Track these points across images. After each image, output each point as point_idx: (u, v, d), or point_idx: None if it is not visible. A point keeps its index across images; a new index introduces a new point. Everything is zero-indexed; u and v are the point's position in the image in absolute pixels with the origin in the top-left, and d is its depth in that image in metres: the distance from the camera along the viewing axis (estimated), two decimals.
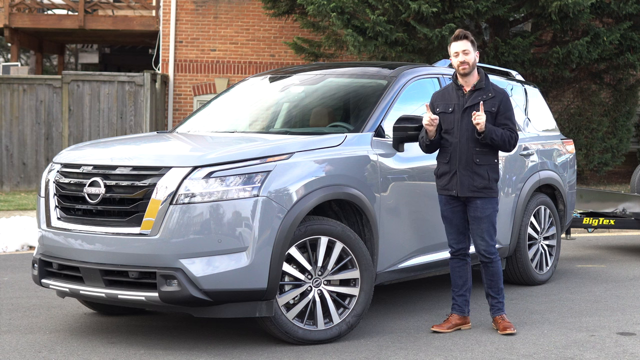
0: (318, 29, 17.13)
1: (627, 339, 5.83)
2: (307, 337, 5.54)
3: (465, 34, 5.91)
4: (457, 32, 5.92)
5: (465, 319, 6.09)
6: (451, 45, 5.92)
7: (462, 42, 5.88)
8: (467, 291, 6.09)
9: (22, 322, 6.21)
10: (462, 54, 5.87)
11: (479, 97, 5.88)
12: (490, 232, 5.92)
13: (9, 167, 17.12)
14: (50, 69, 30.47)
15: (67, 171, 5.74)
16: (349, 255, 5.66)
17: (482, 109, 5.75)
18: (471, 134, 5.83)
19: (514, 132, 5.89)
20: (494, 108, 5.86)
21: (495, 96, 5.89)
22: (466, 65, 5.87)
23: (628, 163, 18.49)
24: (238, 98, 7.27)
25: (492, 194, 5.90)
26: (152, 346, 5.54)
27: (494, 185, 5.90)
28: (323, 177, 5.62)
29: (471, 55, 5.88)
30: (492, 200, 5.91)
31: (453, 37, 5.93)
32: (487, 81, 5.98)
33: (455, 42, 5.90)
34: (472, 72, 5.93)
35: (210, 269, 5.19)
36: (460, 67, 5.89)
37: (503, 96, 5.93)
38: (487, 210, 5.89)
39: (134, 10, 20.33)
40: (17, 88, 17.08)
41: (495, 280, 6.00)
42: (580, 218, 9.63)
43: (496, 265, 5.99)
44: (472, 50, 5.88)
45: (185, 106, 18.68)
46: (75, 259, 5.50)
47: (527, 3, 14.90)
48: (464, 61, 5.87)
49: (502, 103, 5.89)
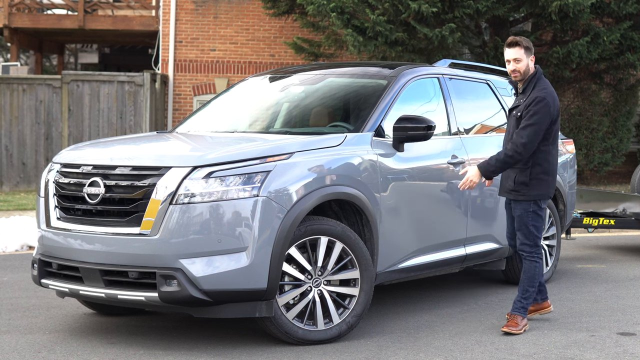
0: (318, 29, 17.12)
1: (627, 339, 5.83)
2: (307, 337, 5.53)
3: (517, 41, 5.93)
4: (510, 39, 5.98)
5: (540, 305, 6.30)
6: (505, 51, 6.03)
7: (514, 49, 5.95)
8: None
9: (22, 322, 6.21)
10: (514, 62, 5.95)
11: (517, 101, 6.04)
12: (523, 231, 6.01)
13: (9, 167, 17.12)
14: (50, 69, 30.47)
15: (66, 171, 5.73)
16: (348, 256, 5.66)
17: (463, 172, 6.00)
18: (507, 136, 6.07)
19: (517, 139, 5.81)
20: (519, 113, 5.93)
21: (526, 100, 5.93)
22: (517, 74, 5.98)
23: (628, 163, 18.48)
24: (238, 98, 7.26)
25: (519, 197, 5.98)
26: (152, 346, 5.53)
27: (521, 188, 5.96)
28: (323, 177, 5.62)
29: (522, 63, 5.94)
30: (522, 203, 5.99)
31: (506, 43, 6.02)
32: (531, 84, 5.98)
33: (508, 48, 5.98)
34: (525, 78, 6.01)
35: (210, 269, 5.18)
36: (512, 75, 6.01)
37: (531, 100, 5.89)
38: (517, 211, 6.03)
39: (133, 10, 20.32)
40: (17, 88, 17.08)
41: (524, 278, 6.05)
42: (581, 218, 9.62)
43: (528, 264, 6.04)
44: (524, 57, 5.93)
45: (185, 106, 18.68)
46: (75, 259, 5.49)
47: (527, 3, 14.90)
48: (514, 69, 5.97)
49: (526, 107, 5.89)
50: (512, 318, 6.00)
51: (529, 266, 6.04)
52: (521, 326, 5.96)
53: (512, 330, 5.91)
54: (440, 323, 6.25)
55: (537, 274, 6.04)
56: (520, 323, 5.96)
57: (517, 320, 5.98)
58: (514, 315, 6.01)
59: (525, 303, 6.02)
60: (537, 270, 6.04)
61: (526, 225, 6.00)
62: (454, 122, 6.99)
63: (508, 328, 5.93)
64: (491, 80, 7.80)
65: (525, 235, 6.01)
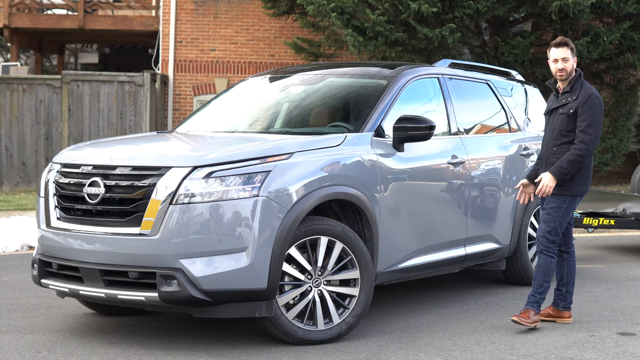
0: (318, 29, 17.11)
1: (627, 339, 5.83)
2: (307, 337, 5.53)
3: (567, 42, 6.07)
4: (559, 39, 6.10)
5: (560, 312, 6.26)
6: (551, 50, 6.11)
7: (562, 49, 6.07)
8: (562, 286, 6.24)
9: (22, 322, 6.21)
10: (562, 62, 6.06)
11: (564, 99, 6.08)
12: (549, 225, 6.03)
13: (9, 167, 17.12)
14: (50, 68, 30.46)
15: (66, 171, 5.73)
16: (348, 256, 5.66)
17: (538, 179, 6.04)
18: (551, 134, 6.11)
19: (584, 136, 5.92)
20: (571, 110, 6.01)
21: (577, 98, 6.02)
22: (564, 72, 6.08)
23: (628, 163, 18.48)
24: (238, 98, 7.26)
25: (562, 191, 6.03)
26: (152, 346, 5.53)
27: (566, 182, 6.01)
28: (323, 177, 5.62)
29: (570, 63, 6.07)
30: (560, 197, 6.03)
31: (554, 43, 6.11)
32: (577, 84, 6.11)
33: (555, 48, 6.08)
34: (569, 78, 6.11)
35: (210, 269, 5.18)
36: (558, 74, 6.09)
37: (584, 98, 6.01)
38: (551, 203, 6.07)
39: (133, 10, 20.32)
40: (17, 88, 17.08)
41: (538, 273, 6.08)
42: (581, 218, 9.62)
43: (544, 259, 6.06)
44: (571, 57, 6.08)
45: (185, 106, 18.68)
46: (75, 259, 5.49)
47: (527, 3, 14.90)
48: (562, 68, 6.07)
49: (582, 105, 5.98)
50: (525, 311, 6.04)
51: (544, 261, 6.06)
52: (532, 320, 5.99)
53: (522, 320, 5.95)
54: (440, 323, 6.25)
55: (552, 269, 6.08)
56: (531, 317, 6.00)
57: (529, 314, 6.01)
58: (528, 309, 6.05)
59: (539, 298, 6.06)
60: (552, 265, 6.07)
61: (554, 220, 6.04)
62: (454, 122, 6.99)
63: (518, 318, 5.97)
64: (491, 80, 7.80)
65: (550, 229, 6.04)
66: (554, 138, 6.10)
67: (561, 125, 6.07)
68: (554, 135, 6.11)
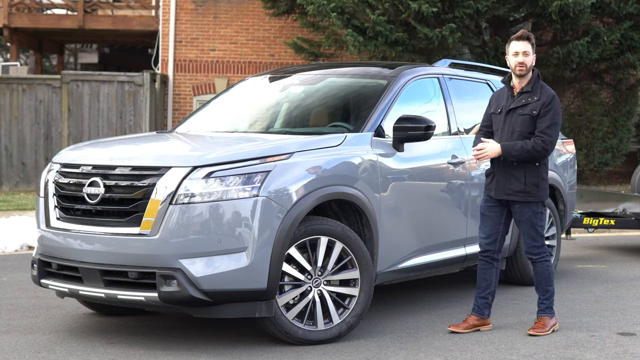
0: (318, 29, 17.11)
1: (627, 339, 5.82)
2: (307, 337, 5.53)
3: (528, 35, 5.88)
4: (520, 32, 5.90)
5: (485, 320, 6.04)
6: (511, 44, 5.89)
7: (524, 42, 5.85)
8: (489, 294, 6.03)
9: (22, 322, 6.20)
10: (522, 55, 5.84)
11: (524, 99, 5.87)
12: (532, 234, 5.89)
13: (8, 167, 17.11)
14: (50, 68, 30.46)
15: (66, 171, 5.73)
16: (348, 256, 5.65)
17: (485, 142, 5.82)
18: (511, 136, 5.85)
19: (545, 136, 5.76)
20: (534, 112, 5.81)
21: (539, 99, 5.83)
22: (523, 67, 5.85)
23: (628, 163, 18.48)
24: (238, 98, 7.26)
25: (530, 198, 5.84)
26: (152, 346, 5.53)
27: (532, 189, 5.83)
28: (323, 177, 5.61)
29: (530, 57, 5.86)
30: (532, 205, 5.86)
31: (515, 36, 5.90)
32: (537, 84, 5.91)
33: (516, 41, 5.87)
34: (527, 74, 5.91)
35: (210, 269, 5.18)
36: (517, 68, 5.86)
37: (547, 99, 5.83)
38: (525, 215, 5.86)
39: (133, 10, 20.31)
40: (17, 88, 17.07)
41: (540, 280, 5.97)
42: (581, 218, 9.62)
43: (541, 266, 5.94)
44: (531, 52, 5.87)
45: (185, 106, 18.67)
46: (75, 259, 5.49)
47: (527, 3, 14.90)
48: (522, 62, 5.84)
49: (544, 106, 5.81)
50: (539, 320, 5.96)
51: (542, 268, 5.95)
52: (549, 327, 5.93)
53: (539, 332, 5.85)
54: (440, 323, 6.24)
55: (551, 272, 5.99)
56: (548, 324, 5.94)
57: (545, 322, 5.94)
58: (541, 317, 5.97)
59: (549, 303, 5.98)
60: (550, 269, 5.99)
61: (534, 227, 5.89)
62: (454, 122, 6.99)
63: (534, 330, 5.87)
64: (491, 80, 7.80)
65: (534, 237, 5.91)
66: (514, 140, 5.83)
67: (522, 127, 5.82)
68: (513, 137, 5.84)
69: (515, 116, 5.88)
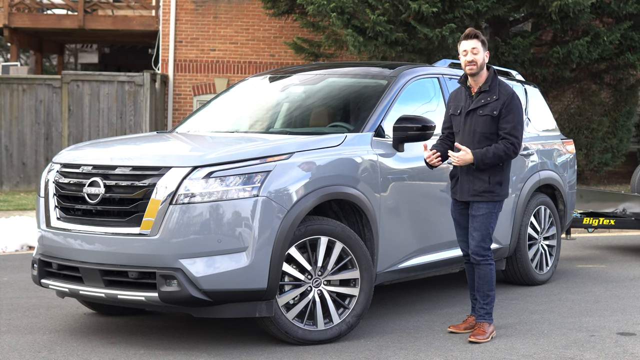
0: (318, 29, 17.12)
1: (627, 339, 5.83)
2: (307, 337, 5.53)
3: (476, 33, 5.77)
4: (468, 31, 5.79)
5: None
6: (461, 43, 5.79)
7: (472, 40, 5.74)
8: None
9: (22, 322, 6.21)
10: (471, 53, 5.72)
11: (483, 99, 5.76)
12: (482, 232, 5.75)
13: (9, 167, 17.12)
14: (50, 68, 30.46)
15: (66, 171, 5.73)
16: (348, 256, 5.66)
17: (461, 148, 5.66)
18: (473, 137, 5.74)
19: (513, 138, 5.67)
20: (495, 112, 5.69)
21: (499, 99, 5.72)
22: (474, 65, 5.74)
23: (628, 163, 18.49)
24: (238, 98, 7.26)
25: (493, 198, 5.75)
26: (152, 346, 5.53)
27: (496, 188, 5.75)
28: (323, 177, 5.61)
29: (480, 55, 5.74)
30: (491, 204, 5.75)
31: (463, 35, 5.80)
32: (494, 82, 5.78)
33: (465, 40, 5.76)
34: (481, 73, 5.78)
35: (210, 269, 5.18)
36: (467, 67, 5.76)
37: (507, 98, 5.72)
38: (482, 210, 5.74)
39: (133, 10, 20.31)
40: (17, 88, 17.07)
41: (481, 284, 5.80)
42: (581, 218, 9.63)
43: (484, 269, 5.78)
44: (481, 49, 5.75)
45: (185, 106, 18.67)
46: (75, 259, 5.49)
47: (527, 3, 14.90)
48: (472, 60, 5.73)
49: (505, 106, 5.70)
50: (478, 326, 5.80)
51: (485, 271, 5.77)
52: (488, 333, 5.76)
53: (479, 339, 5.69)
54: (440, 323, 6.25)
55: (493, 276, 5.81)
56: (487, 330, 5.77)
57: (484, 328, 5.78)
58: (480, 323, 5.81)
59: (489, 308, 5.82)
60: (493, 273, 5.81)
61: (486, 227, 5.75)
62: None
63: (475, 337, 5.70)
64: None
65: (484, 237, 5.76)
66: (477, 141, 5.70)
67: (483, 128, 5.70)
68: (475, 138, 5.71)
69: (476, 117, 5.76)
